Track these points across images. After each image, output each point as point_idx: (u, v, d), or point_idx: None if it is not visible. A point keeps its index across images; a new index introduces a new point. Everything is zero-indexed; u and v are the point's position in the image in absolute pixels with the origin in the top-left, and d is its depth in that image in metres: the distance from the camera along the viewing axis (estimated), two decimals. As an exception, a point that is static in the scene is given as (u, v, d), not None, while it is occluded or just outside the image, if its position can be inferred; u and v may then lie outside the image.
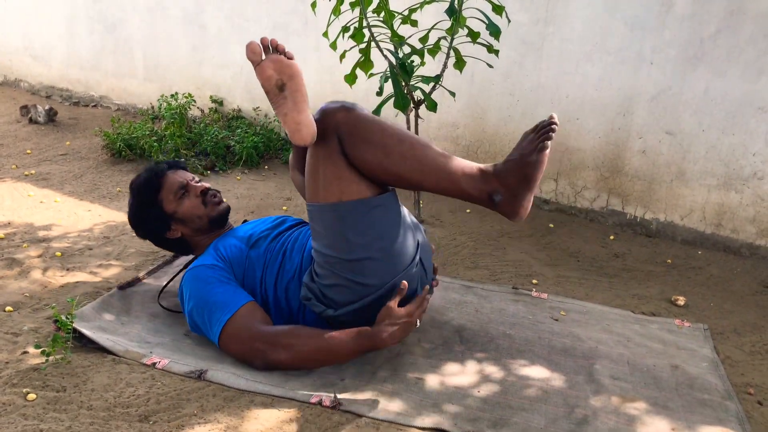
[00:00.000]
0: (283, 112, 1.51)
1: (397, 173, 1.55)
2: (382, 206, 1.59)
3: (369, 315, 1.64)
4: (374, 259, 1.58)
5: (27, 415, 1.42)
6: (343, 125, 1.55)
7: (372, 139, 1.53)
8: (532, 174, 1.52)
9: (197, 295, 1.72)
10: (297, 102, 1.50)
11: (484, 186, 1.55)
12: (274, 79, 1.49)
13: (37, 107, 3.99)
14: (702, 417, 1.59)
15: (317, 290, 1.65)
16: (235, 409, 1.50)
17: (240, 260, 1.81)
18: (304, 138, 1.52)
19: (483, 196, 1.56)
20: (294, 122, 1.50)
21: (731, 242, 2.76)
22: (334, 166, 1.56)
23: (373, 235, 1.57)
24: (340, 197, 1.55)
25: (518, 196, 1.54)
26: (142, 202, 1.90)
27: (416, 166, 1.54)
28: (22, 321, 1.81)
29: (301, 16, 3.60)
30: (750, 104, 2.61)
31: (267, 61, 1.48)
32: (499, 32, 2.37)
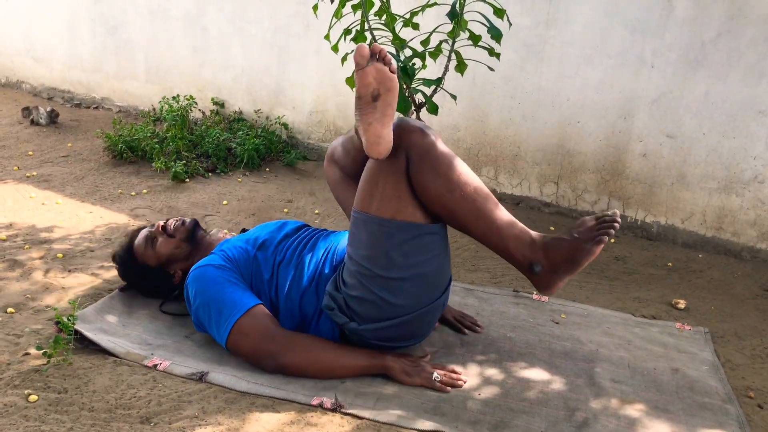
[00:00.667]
0: (368, 121, 1.47)
1: (452, 210, 1.56)
2: (433, 235, 1.60)
3: (390, 336, 1.67)
4: (408, 281, 1.59)
5: (28, 416, 1.43)
6: (415, 147, 1.54)
7: (439, 171, 1.53)
8: (581, 260, 1.52)
9: (205, 293, 1.71)
10: (385, 115, 1.48)
11: (529, 254, 1.56)
12: (372, 87, 1.46)
13: (39, 109, 4.00)
14: (702, 420, 1.60)
15: (341, 300, 1.65)
16: (237, 412, 1.50)
17: (246, 261, 1.80)
18: (381, 152, 1.50)
19: (524, 263, 1.57)
20: (376, 134, 1.48)
21: (732, 245, 2.77)
22: (396, 183, 1.55)
23: (416, 260, 1.58)
24: (395, 215, 1.56)
25: (558, 273, 1.55)
26: (137, 280, 1.97)
27: (473, 211, 1.55)
28: (24, 322, 1.82)
29: (302, 19, 3.61)
30: (751, 108, 2.62)
31: (371, 67, 1.45)
32: (501, 35, 2.37)
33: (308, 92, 3.71)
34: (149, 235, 1.94)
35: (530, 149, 3.13)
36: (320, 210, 2.99)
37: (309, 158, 3.78)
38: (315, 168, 3.63)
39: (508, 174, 3.21)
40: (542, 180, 3.14)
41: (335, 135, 3.70)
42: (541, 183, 3.14)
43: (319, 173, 3.55)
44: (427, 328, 1.74)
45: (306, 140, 3.81)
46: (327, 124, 3.71)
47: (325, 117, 3.71)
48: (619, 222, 1.55)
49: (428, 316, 1.68)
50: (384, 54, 1.46)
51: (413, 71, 2.41)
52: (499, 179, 3.24)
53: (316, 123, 3.75)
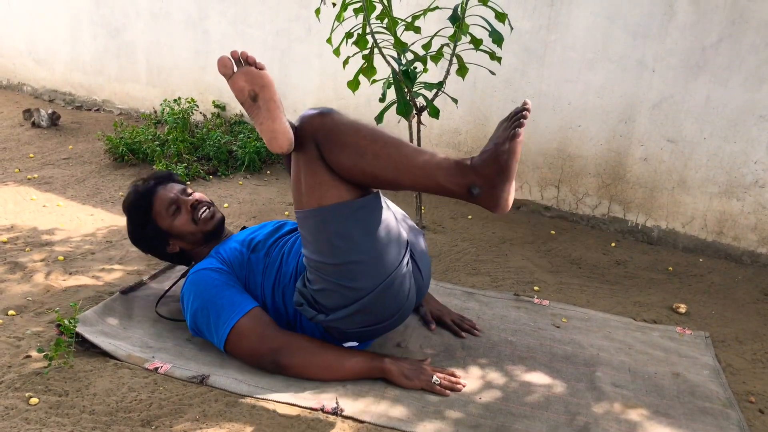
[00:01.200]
0: (258, 121, 1.53)
1: (372, 173, 1.53)
2: (364, 208, 1.58)
3: (362, 319, 1.63)
4: (360, 262, 1.57)
5: (29, 419, 1.43)
6: (319, 130, 1.55)
7: (346, 141, 1.53)
8: (508, 163, 1.45)
9: (202, 298, 1.71)
10: (271, 110, 1.52)
11: (461, 179, 1.50)
12: (247, 90, 1.52)
13: (40, 111, 4.01)
14: (703, 425, 1.59)
15: (309, 295, 1.65)
16: (237, 415, 1.50)
17: (241, 264, 1.81)
18: (281, 145, 1.52)
19: (462, 190, 1.51)
20: (269, 131, 1.51)
21: (733, 250, 2.77)
22: (313, 172, 1.56)
23: (356, 237, 1.56)
24: (321, 202, 1.56)
25: (497, 187, 1.48)
26: (137, 223, 1.92)
27: (390, 164, 1.52)
28: (25, 325, 1.82)
29: (304, 23, 3.61)
30: (751, 112, 2.62)
31: (238, 73, 1.52)
32: (502, 39, 2.38)
33: (310, 95, 3.72)
34: (177, 200, 1.90)
35: (531, 153, 3.13)
36: (321, 213, 2.99)
37: (310, 161, 3.77)
38: (316, 171, 3.63)
39: (509, 178, 3.20)
40: (543, 184, 3.14)
41: (336, 138, 3.69)
42: (541, 187, 3.14)
43: (320, 176, 3.55)
44: (400, 303, 1.66)
45: (307, 143, 3.81)
46: (328, 127, 3.71)
47: (326, 120, 3.70)
48: (528, 109, 1.47)
49: (392, 290, 1.61)
50: (245, 56, 1.52)
51: (415, 75, 2.41)
52: (499, 183, 3.24)
53: (317, 126, 3.75)
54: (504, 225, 2.98)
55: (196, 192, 1.98)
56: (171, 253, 1.94)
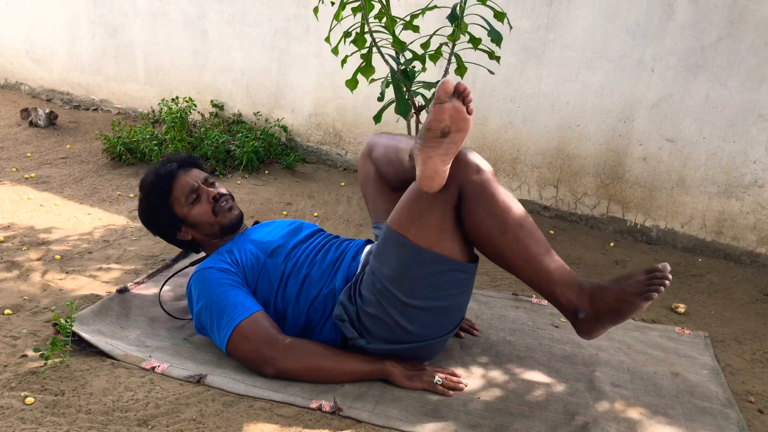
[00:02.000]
0: (429, 154, 1.44)
1: (502, 253, 1.54)
2: (464, 273, 1.59)
3: (393, 355, 1.67)
4: (427, 311, 1.59)
5: (25, 418, 1.42)
6: (470, 184, 1.52)
7: (494, 212, 1.52)
8: (627, 313, 1.48)
9: (207, 296, 1.69)
10: (448, 153, 1.45)
11: (574, 299, 1.53)
12: (444, 124, 1.42)
13: (38, 110, 4.00)
14: (702, 425, 1.59)
15: (353, 313, 1.64)
16: (235, 414, 1.49)
17: (255, 268, 1.77)
18: (433, 187, 1.49)
19: (569, 308, 1.55)
20: (433, 170, 1.46)
21: (732, 250, 2.76)
22: (441, 216, 1.53)
23: (441, 293, 1.58)
24: (432, 247, 1.54)
25: (601, 322, 1.52)
26: (152, 204, 1.86)
27: (524, 255, 1.53)
28: (21, 324, 1.81)
29: (302, 22, 3.61)
30: (750, 112, 2.62)
31: (450, 104, 1.41)
32: (501, 39, 2.37)
33: (308, 95, 3.71)
34: (198, 189, 1.86)
35: (530, 153, 3.12)
36: (319, 213, 2.98)
37: (308, 161, 3.77)
38: (314, 170, 3.63)
39: (508, 177, 3.20)
40: (542, 183, 3.13)
41: (334, 138, 3.70)
42: (540, 186, 3.14)
43: (318, 176, 3.55)
44: (433, 355, 1.74)
45: (305, 143, 3.81)
46: (326, 126, 3.71)
47: (325, 120, 3.70)
48: (669, 279, 1.51)
49: (436, 346, 1.69)
50: (467, 94, 1.42)
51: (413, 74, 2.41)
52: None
53: (315, 126, 3.75)
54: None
55: (218, 183, 1.93)
56: (180, 239, 1.90)
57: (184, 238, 1.89)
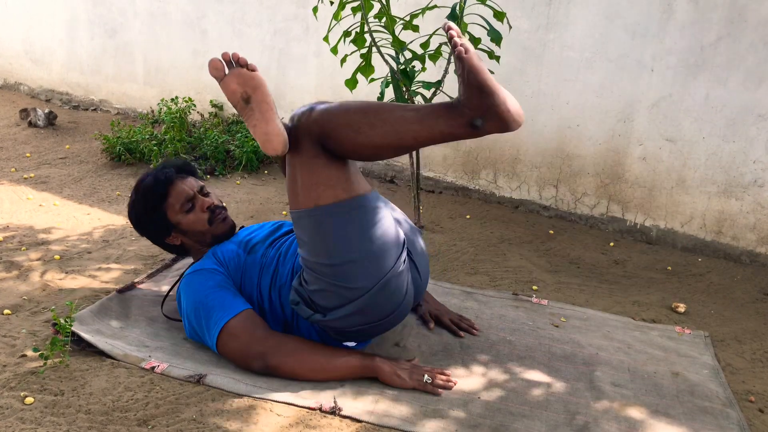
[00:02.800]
0: (252, 124, 1.52)
1: (373, 144, 1.52)
2: (360, 207, 1.57)
3: (359, 319, 1.62)
4: (356, 261, 1.56)
5: (24, 418, 1.41)
6: (312, 125, 1.54)
7: (339, 123, 1.52)
8: (478, 80, 1.41)
9: (195, 299, 1.71)
10: (264, 112, 1.51)
11: (459, 120, 1.47)
12: (239, 93, 1.51)
13: (37, 111, 3.99)
14: (703, 424, 1.59)
15: (305, 295, 1.64)
16: (234, 414, 1.49)
17: (237, 266, 1.80)
18: (275, 147, 1.51)
19: (466, 129, 1.48)
20: (263, 133, 1.50)
21: (731, 250, 2.76)
22: (309, 171, 1.55)
23: (352, 237, 1.56)
24: (317, 202, 1.55)
25: (491, 106, 1.43)
26: (146, 208, 1.87)
27: (388, 129, 1.50)
28: (21, 324, 1.80)
29: (302, 22, 3.61)
30: (750, 112, 2.62)
31: (230, 75, 1.51)
32: (500, 38, 2.37)
33: (307, 95, 3.71)
34: (194, 198, 1.87)
35: (529, 153, 3.12)
36: (319, 213, 2.98)
37: (308, 161, 3.76)
38: (314, 171, 3.62)
39: (507, 177, 3.20)
40: (541, 183, 3.13)
41: (334, 138, 3.69)
42: (540, 186, 3.14)
43: (318, 176, 3.54)
44: (397, 301, 1.64)
45: (305, 143, 3.80)
46: (326, 126, 3.70)
47: (324, 120, 3.69)
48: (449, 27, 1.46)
49: (389, 288, 1.60)
50: (237, 57, 1.50)
51: (413, 73, 2.41)
52: (498, 182, 3.23)
53: (315, 126, 3.74)
54: (502, 225, 2.97)
55: (212, 193, 1.95)
56: (169, 243, 1.92)
57: (173, 242, 1.91)
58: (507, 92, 1.47)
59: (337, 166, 1.57)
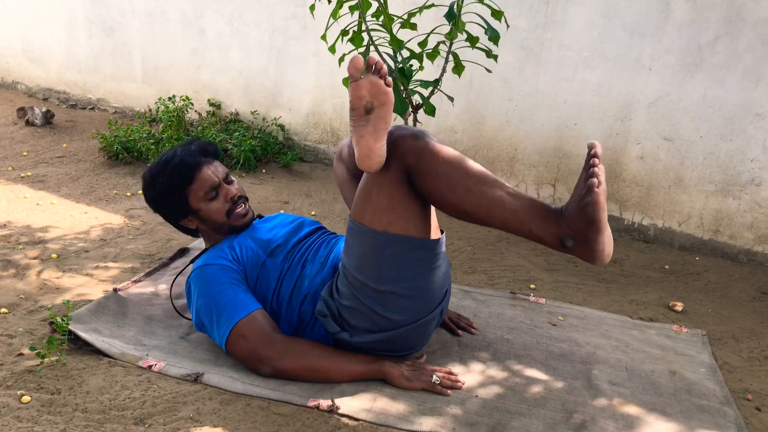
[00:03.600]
0: (360, 134, 1.45)
1: (462, 208, 1.51)
2: (426, 249, 1.57)
3: (384, 347, 1.65)
4: (400, 296, 1.57)
5: (21, 417, 1.41)
6: (409, 154, 1.50)
7: (439, 171, 1.49)
8: (594, 215, 1.39)
9: (207, 294, 1.69)
10: (378, 130, 1.45)
11: (554, 230, 1.46)
12: (365, 100, 1.42)
13: (34, 109, 3.98)
14: (700, 423, 1.59)
15: (335, 308, 1.63)
16: (232, 413, 1.48)
17: (255, 266, 1.76)
18: (372, 166, 1.48)
19: (554, 241, 1.47)
20: (367, 148, 1.45)
21: (729, 248, 2.76)
22: (389, 195, 1.53)
23: (408, 273, 1.56)
24: (387, 228, 1.53)
25: (590, 239, 1.42)
26: (169, 189, 1.80)
27: (482, 202, 1.48)
28: (17, 323, 1.80)
29: (300, 21, 3.60)
30: (748, 111, 2.62)
31: (365, 80, 1.42)
32: (498, 37, 2.37)
33: (305, 94, 3.70)
34: (219, 187, 1.82)
35: (527, 151, 3.12)
36: (317, 211, 2.98)
37: (305, 160, 3.77)
38: (311, 169, 3.63)
39: (505, 176, 3.20)
40: (539, 182, 3.13)
41: (332, 136, 3.70)
42: (538, 185, 3.14)
43: (316, 174, 3.54)
44: (422, 340, 1.71)
45: (303, 142, 3.80)
46: (324, 125, 3.71)
47: (322, 119, 3.70)
48: (595, 153, 1.44)
49: (421, 329, 1.65)
50: (380, 66, 1.42)
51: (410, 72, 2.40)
52: (496, 182, 3.23)
53: (312, 125, 3.74)
54: (500, 223, 2.97)
55: (236, 181, 1.89)
56: (183, 225, 1.88)
57: (188, 225, 1.87)
58: (610, 232, 1.46)
59: (416, 202, 1.55)
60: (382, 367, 1.64)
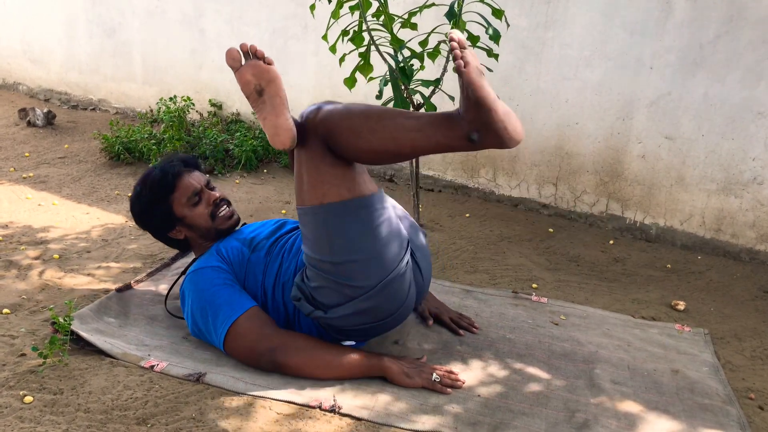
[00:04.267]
0: (262, 116, 1.53)
1: (372, 149, 1.53)
2: (365, 207, 1.58)
3: (361, 318, 1.63)
4: (359, 260, 1.57)
5: (23, 417, 1.41)
6: (319, 125, 1.55)
7: (341, 126, 1.53)
8: (477, 95, 1.40)
9: (201, 297, 1.70)
10: (275, 106, 1.52)
11: (457, 132, 1.46)
12: (253, 84, 1.52)
13: (36, 110, 3.99)
14: (703, 422, 1.59)
15: (307, 292, 1.65)
16: (234, 413, 1.48)
17: (241, 263, 1.80)
18: (283, 141, 1.53)
19: (463, 142, 1.48)
20: (272, 126, 1.52)
21: (731, 247, 2.76)
22: (316, 169, 1.56)
23: (356, 236, 1.56)
24: (322, 200, 1.56)
25: (488, 122, 1.42)
26: (152, 200, 1.86)
27: (387, 135, 1.51)
28: (20, 323, 1.80)
29: (300, 21, 3.60)
30: (749, 109, 2.62)
31: (246, 66, 1.52)
32: (499, 36, 2.37)
33: (306, 94, 3.70)
34: (201, 192, 1.87)
35: (529, 151, 3.12)
36: (318, 211, 2.98)
37: (307, 160, 3.76)
38: (313, 170, 3.62)
39: (507, 175, 3.20)
40: (541, 181, 3.13)
41: (333, 137, 3.69)
42: (539, 184, 3.14)
43: (317, 175, 3.54)
44: (400, 301, 1.65)
45: (304, 142, 3.80)
46: (325, 125, 3.70)
47: (323, 119, 3.69)
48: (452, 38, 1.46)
49: (392, 288, 1.61)
50: (254, 49, 1.51)
51: (411, 72, 2.40)
52: (497, 181, 3.23)
53: (314, 125, 3.74)
54: (502, 223, 2.97)
55: (217, 187, 1.95)
56: (172, 237, 1.91)
57: (176, 236, 1.90)
58: (508, 109, 1.46)
59: (342, 166, 1.57)
60: (382, 363, 1.65)
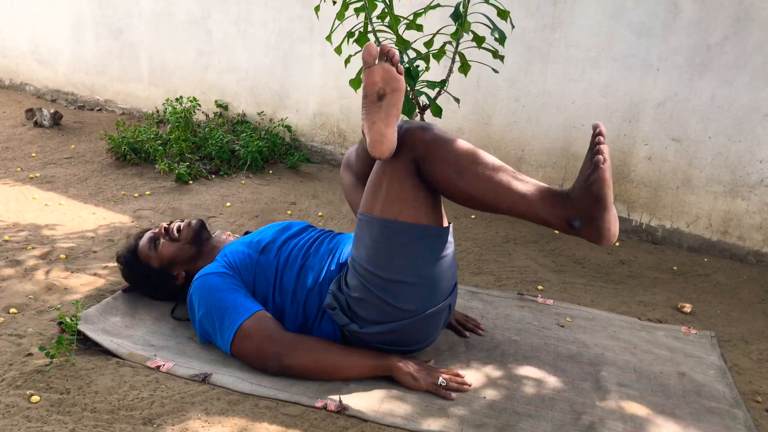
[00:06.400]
0: (372, 120, 1.49)
1: (469, 194, 1.53)
2: (436, 237, 1.58)
3: (393, 339, 1.65)
4: (411, 284, 1.57)
5: (30, 417, 1.42)
6: (418, 144, 1.53)
7: (446, 158, 1.52)
8: (600, 192, 1.43)
9: (208, 302, 1.70)
10: (390, 115, 1.49)
11: (561, 212, 1.49)
12: (378, 86, 1.47)
13: (43, 111, 4.00)
14: (710, 425, 1.58)
15: (343, 300, 1.64)
16: (240, 413, 1.49)
17: (249, 266, 1.78)
18: (383, 152, 1.50)
19: (562, 223, 1.50)
20: (379, 133, 1.48)
21: (738, 250, 2.75)
22: (400, 185, 1.55)
23: (419, 262, 1.57)
24: (397, 217, 1.55)
25: (596, 218, 1.45)
26: (140, 280, 1.94)
27: (489, 187, 1.51)
28: (26, 323, 1.81)
29: (306, 22, 3.61)
30: (757, 111, 2.61)
31: (378, 66, 1.47)
32: (505, 37, 2.36)
33: (312, 95, 3.71)
34: (153, 236, 1.93)
35: (535, 152, 3.12)
36: (323, 212, 2.98)
37: (312, 161, 3.77)
38: (318, 170, 3.63)
39: (513, 177, 3.19)
40: (547, 183, 3.11)
41: (339, 138, 3.70)
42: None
43: (323, 175, 3.54)
44: (431, 333, 1.70)
45: (309, 143, 3.80)
46: (330, 126, 3.71)
47: (329, 120, 3.70)
48: (600, 131, 1.47)
49: (431, 320, 1.65)
50: (392, 54, 1.47)
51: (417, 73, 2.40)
52: (503, 182, 3.22)
53: (319, 126, 3.75)
54: (507, 224, 2.97)
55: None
56: (178, 284, 1.93)
57: (182, 280, 1.92)
58: (615, 212, 1.48)
59: (426, 191, 1.57)
60: (390, 363, 1.64)
